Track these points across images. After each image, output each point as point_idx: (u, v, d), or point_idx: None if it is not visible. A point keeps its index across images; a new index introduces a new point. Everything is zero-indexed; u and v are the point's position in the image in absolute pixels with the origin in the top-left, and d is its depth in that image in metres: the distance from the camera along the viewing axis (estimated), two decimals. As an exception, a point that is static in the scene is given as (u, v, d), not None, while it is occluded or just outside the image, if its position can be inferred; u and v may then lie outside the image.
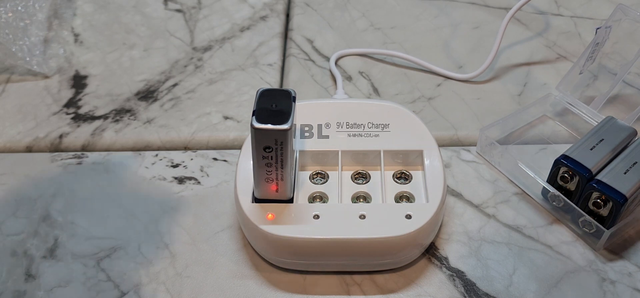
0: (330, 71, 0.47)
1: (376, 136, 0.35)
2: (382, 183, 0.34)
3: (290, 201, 0.32)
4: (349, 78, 0.47)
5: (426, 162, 0.34)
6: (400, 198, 0.34)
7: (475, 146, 0.40)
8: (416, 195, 0.34)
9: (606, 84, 0.44)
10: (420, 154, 0.35)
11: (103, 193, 0.37)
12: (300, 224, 0.31)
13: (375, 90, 0.46)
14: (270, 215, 0.31)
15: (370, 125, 0.36)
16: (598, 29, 0.41)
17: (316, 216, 0.31)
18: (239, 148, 0.39)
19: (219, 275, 0.32)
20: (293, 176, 0.32)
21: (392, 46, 0.50)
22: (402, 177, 0.35)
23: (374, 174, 0.35)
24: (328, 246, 0.31)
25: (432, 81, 0.46)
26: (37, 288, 0.32)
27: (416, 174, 0.35)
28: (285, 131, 0.28)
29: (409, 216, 0.31)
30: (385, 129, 0.36)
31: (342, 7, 0.55)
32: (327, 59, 0.49)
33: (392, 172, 0.35)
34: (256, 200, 0.32)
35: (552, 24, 0.53)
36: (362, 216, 0.31)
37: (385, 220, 0.31)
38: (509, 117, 0.41)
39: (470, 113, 0.43)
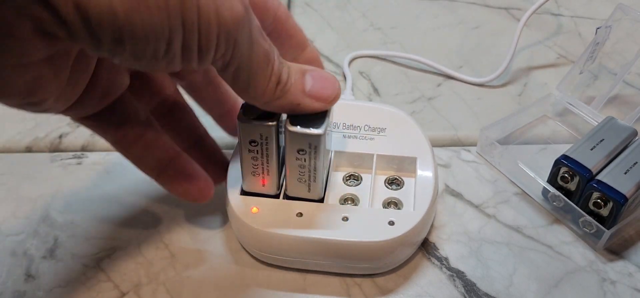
0: (343, 73, 0.46)
1: (371, 139, 0.35)
2: (372, 187, 0.33)
3: (277, 196, 0.32)
4: (349, 78, 0.47)
5: (418, 170, 0.34)
6: (389, 204, 0.33)
7: (476, 146, 0.40)
8: (405, 202, 0.33)
9: (606, 84, 0.44)
10: (413, 161, 0.34)
11: (103, 193, 0.37)
12: (282, 220, 0.31)
13: (375, 90, 0.46)
14: (254, 208, 0.31)
15: (366, 128, 0.35)
16: (598, 28, 0.41)
17: (299, 214, 0.31)
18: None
19: (219, 275, 0.32)
20: (280, 172, 0.32)
21: (392, 46, 0.50)
22: (394, 183, 0.34)
23: (366, 178, 0.35)
24: (304, 246, 0.30)
25: (432, 81, 0.46)
26: (37, 289, 0.32)
27: (408, 181, 0.34)
28: (270, 126, 0.28)
29: (391, 223, 0.31)
30: (381, 133, 0.35)
31: (342, 7, 0.55)
32: (328, 58, 0.49)
33: (385, 177, 0.35)
34: (244, 193, 0.32)
35: (553, 23, 0.53)
36: (345, 218, 0.31)
37: (367, 225, 0.31)
38: (509, 117, 0.41)
39: (470, 113, 0.43)
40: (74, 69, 0.24)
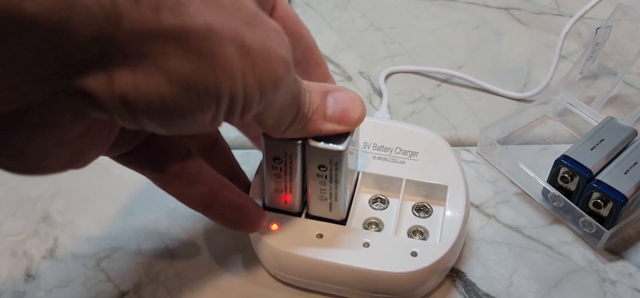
0: (378, 89, 0.45)
1: (402, 162, 0.33)
2: (398, 212, 0.31)
3: (299, 215, 0.31)
4: (349, 78, 0.47)
5: (448, 199, 0.32)
6: (414, 232, 0.31)
7: (476, 146, 0.40)
8: (432, 232, 0.31)
9: (606, 84, 0.44)
10: (444, 189, 0.32)
11: (103, 193, 0.37)
12: (301, 241, 0.30)
13: (376, 90, 0.46)
14: (275, 225, 0.30)
15: (397, 150, 0.33)
16: (598, 28, 0.41)
17: (319, 235, 0.30)
18: (240, 148, 0.39)
19: (219, 276, 0.32)
20: (304, 191, 0.31)
21: (392, 46, 0.50)
22: (422, 210, 0.33)
23: (393, 202, 0.33)
24: (319, 269, 0.29)
25: (432, 81, 0.46)
26: (37, 289, 0.32)
27: (437, 210, 0.32)
28: (296, 145, 0.28)
29: (414, 254, 0.29)
30: (412, 157, 0.33)
31: (342, 7, 0.55)
32: (328, 58, 0.49)
33: (413, 203, 0.33)
34: (265, 208, 0.31)
35: (552, 23, 0.53)
36: (366, 244, 0.29)
37: (388, 253, 0.29)
38: (509, 117, 0.41)
39: (470, 113, 0.43)
40: (109, 125, 0.24)
